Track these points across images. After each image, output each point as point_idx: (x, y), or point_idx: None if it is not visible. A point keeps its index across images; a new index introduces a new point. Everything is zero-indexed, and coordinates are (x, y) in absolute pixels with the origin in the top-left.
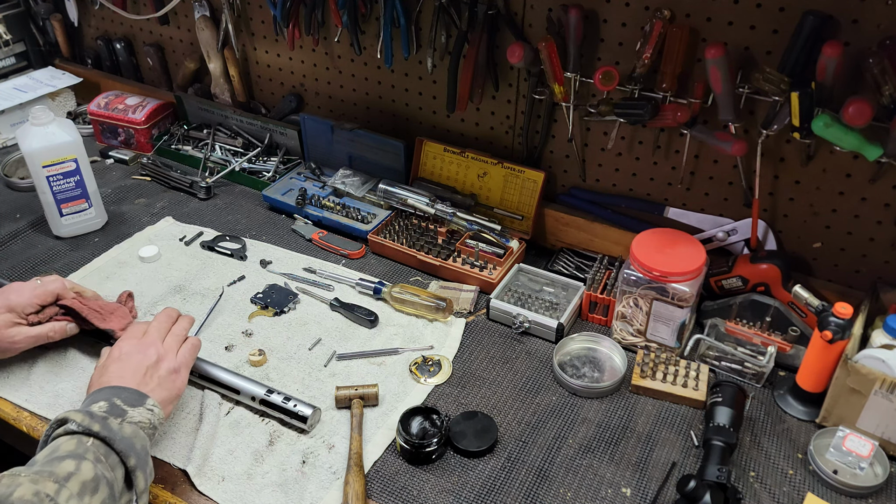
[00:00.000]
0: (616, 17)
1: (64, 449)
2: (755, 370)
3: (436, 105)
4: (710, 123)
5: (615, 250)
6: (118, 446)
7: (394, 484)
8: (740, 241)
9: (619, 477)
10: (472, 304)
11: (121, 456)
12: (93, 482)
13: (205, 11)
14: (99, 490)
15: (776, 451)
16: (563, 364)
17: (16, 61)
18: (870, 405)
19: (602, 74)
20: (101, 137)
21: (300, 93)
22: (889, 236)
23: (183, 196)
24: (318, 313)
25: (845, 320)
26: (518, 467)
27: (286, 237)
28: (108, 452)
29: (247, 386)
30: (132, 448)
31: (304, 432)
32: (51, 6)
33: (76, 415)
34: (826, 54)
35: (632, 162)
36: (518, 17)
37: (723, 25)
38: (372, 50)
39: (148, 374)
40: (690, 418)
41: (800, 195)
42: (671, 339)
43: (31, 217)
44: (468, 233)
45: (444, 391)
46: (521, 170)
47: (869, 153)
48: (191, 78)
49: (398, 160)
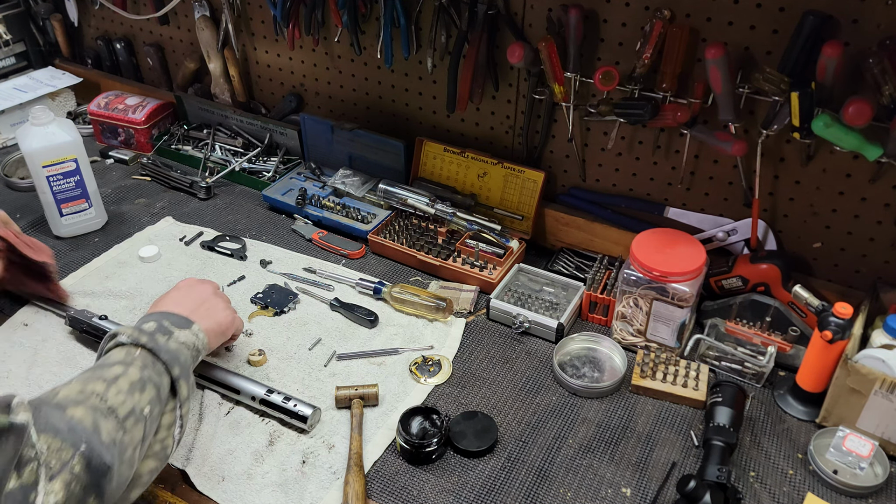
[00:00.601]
0: (616, 17)
1: (113, 358)
2: (755, 370)
3: (436, 105)
4: (710, 123)
5: (615, 250)
6: (163, 357)
7: (394, 484)
8: (740, 241)
9: (619, 477)
10: (472, 304)
11: (166, 365)
12: (139, 383)
13: (205, 11)
14: (146, 390)
15: (776, 451)
16: (563, 364)
17: (16, 61)
18: (870, 405)
19: (602, 74)
20: (101, 137)
21: (300, 93)
22: (889, 236)
23: (183, 196)
24: (318, 313)
25: (845, 320)
26: (518, 467)
27: (286, 237)
28: (154, 361)
29: (247, 386)
30: (176, 360)
31: (304, 432)
32: (51, 6)
33: (127, 330)
34: (826, 54)
35: (632, 162)
36: (518, 17)
37: (723, 25)
38: (372, 50)
39: (201, 308)
40: (690, 418)
41: (800, 195)
42: (671, 339)
43: (31, 217)
44: (468, 233)
45: (444, 391)
46: (521, 170)
47: (869, 153)
48: (191, 78)
49: (398, 160)
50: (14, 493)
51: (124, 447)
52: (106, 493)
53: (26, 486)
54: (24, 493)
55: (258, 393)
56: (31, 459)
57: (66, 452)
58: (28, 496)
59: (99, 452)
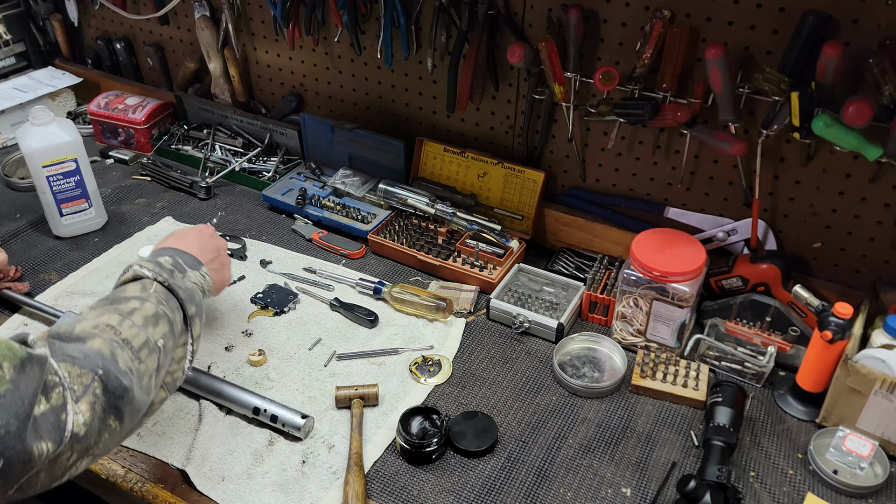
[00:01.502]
0: (616, 17)
1: (130, 291)
2: (755, 370)
3: (436, 105)
4: (710, 123)
5: (615, 250)
6: (180, 294)
7: (394, 484)
8: (740, 241)
9: (619, 477)
10: (472, 304)
11: (181, 303)
12: (154, 317)
13: (205, 11)
14: (160, 324)
15: (776, 451)
16: (563, 364)
17: (16, 61)
18: (870, 405)
19: (602, 74)
20: (101, 137)
21: (300, 93)
22: (889, 236)
23: (183, 196)
24: (318, 313)
25: (845, 320)
26: (518, 467)
27: (286, 237)
28: (169, 297)
29: (239, 400)
30: (192, 298)
31: (300, 439)
32: (51, 6)
33: (147, 263)
34: (826, 54)
35: (632, 162)
36: (518, 17)
37: (723, 25)
38: (372, 50)
39: (205, 251)
40: (690, 418)
41: (800, 195)
42: (671, 339)
43: (31, 217)
44: (468, 233)
45: (444, 391)
46: (521, 170)
47: (869, 153)
48: (191, 78)
49: (398, 160)
50: (47, 415)
51: (140, 375)
52: (125, 415)
53: (56, 407)
54: (55, 414)
55: (247, 408)
56: (56, 384)
57: (87, 377)
58: (59, 416)
59: (116, 376)
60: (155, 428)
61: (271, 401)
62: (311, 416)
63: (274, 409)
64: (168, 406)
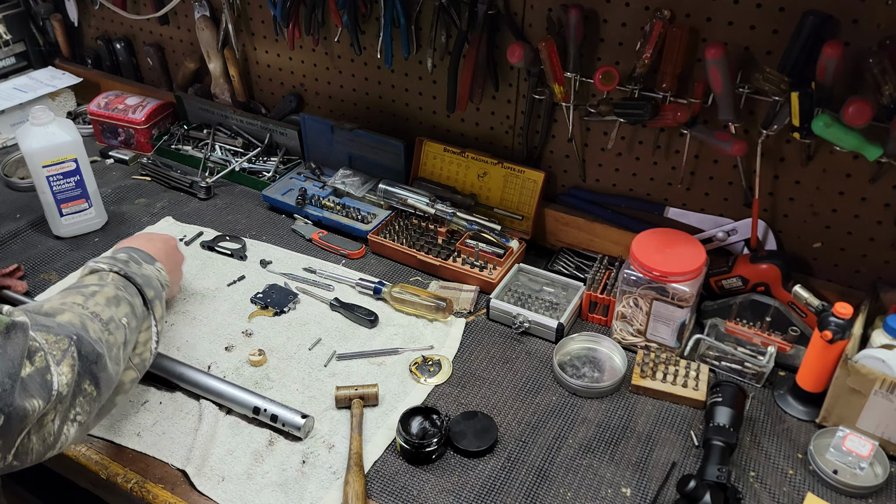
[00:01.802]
0: (616, 17)
1: (88, 281)
2: (755, 370)
3: (436, 105)
4: (710, 123)
5: (615, 250)
6: (136, 280)
7: (394, 484)
8: (740, 241)
9: (619, 477)
10: (472, 304)
11: (139, 287)
12: (115, 298)
13: (205, 11)
14: (121, 305)
15: (776, 451)
16: (563, 364)
17: (16, 61)
18: (870, 405)
19: (602, 74)
20: (101, 137)
21: (300, 93)
22: (889, 236)
23: (183, 196)
24: (318, 313)
25: (845, 320)
26: (518, 467)
27: (286, 237)
28: (127, 284)
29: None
30: (149, 283)
31: (300, 439)
32: (51, 6)
33: (102, 259)
34: (826, 54)
35: (632, 162)
36: (518, 17)
37: (723, 25)
38: (372, 50)
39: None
40: (690, 418)
41: (800, 195)
42: (671, 339)
43: (31, 217)
44: (468, 233)
45: (444, 391)
46: (521, 170)
47: (869, 153)
48: (191, 78)
49: (398, 160)
50: (33, 376)
51: (110, 346)
52: (100, 381)
53: (41, 369)
54: (41, 375)
55: (247, 408)
56: (37, 349)
57: (63, 342)
58: (45, 376)
59: (89, 342)
60: (155, 428)
61: (271, 400)
62: (311, 416)
63: (274, 409)
64: (168, 406)
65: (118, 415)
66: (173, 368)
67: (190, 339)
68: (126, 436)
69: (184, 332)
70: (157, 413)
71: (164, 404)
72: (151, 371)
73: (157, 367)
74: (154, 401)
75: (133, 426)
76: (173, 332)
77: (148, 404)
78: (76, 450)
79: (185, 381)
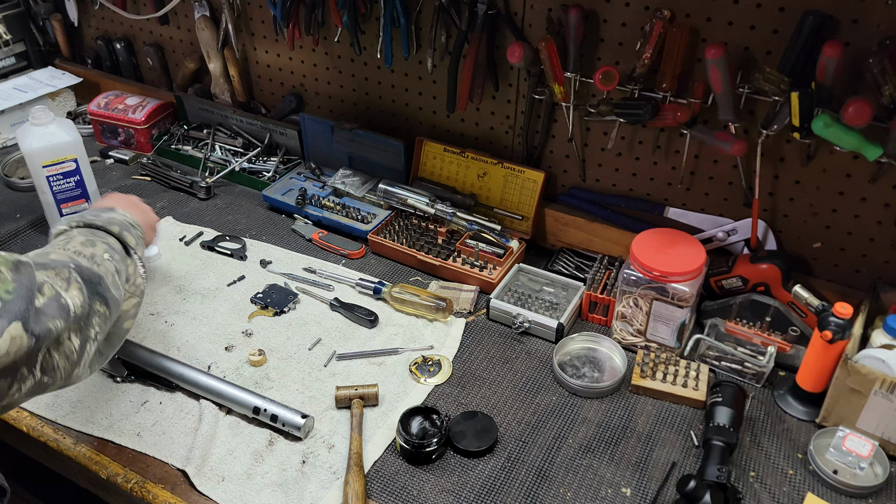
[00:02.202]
0: (616, 17)
1: (55, 240)
2: (755, 370)
3: (436, 105)
4: (710, 123)
5: (615, 250)
6: (98, 223)
7: (394, 484)
8: (740, 241)
9: (619, 477)
10: (472, 304)
11: (104, 229)
12: (88, 242)
13: (205, 11)
14: (96, 245)
15: (776, 451)
16: (563, 364)
17: (16, 61)
18: (870, 405)
19: (602, 74)
20: (101, 137)
21: (300, 93)
22: (889, 236)
23: (183, 196)
24: (318, 313)
25: (845, 320)
26: (518, 467)
27: (286, 237)
28: (91, 231)
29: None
30: (112, 222)
31: (301, 439)
32: (51, 6)
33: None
34: (826, 54)
35: (632, 162)
36: (518, 17)
37: (723, 25)
38: (372, 50)
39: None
40: (690, 418)
41: (800, 195)
42: (671, 339)
43: (31, 217)
44: (468, 233)
45: (444, 391)
46: (521, 170)
47: (869, 153)
48: (191, 78)
49: (398, 160)
50: (49, 304)
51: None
52: (108, 300)
53: (54, 297)
54: (55, 301)
55: (247, 408)
56: (44, 282)
57: (64, 273)
58: (60, 301)
59: (87, 267)
60: (155, 428)
61: (271, 400)
62: (311, 416)
63: (274, 409)
64: (168, 406)
65: (118, 415)
66: (173, 368)
67: (190, 339)
68: (126, 436)
69: (184, 332)
70: (157, 413)
71: (164, 404)
72: (151, 371)
73: (157, 367)
74: (154, 401)
75: (133, 426)
76: (173, 332)
77: (148, 404)
78: (76, 450)
79: (185, 381)
